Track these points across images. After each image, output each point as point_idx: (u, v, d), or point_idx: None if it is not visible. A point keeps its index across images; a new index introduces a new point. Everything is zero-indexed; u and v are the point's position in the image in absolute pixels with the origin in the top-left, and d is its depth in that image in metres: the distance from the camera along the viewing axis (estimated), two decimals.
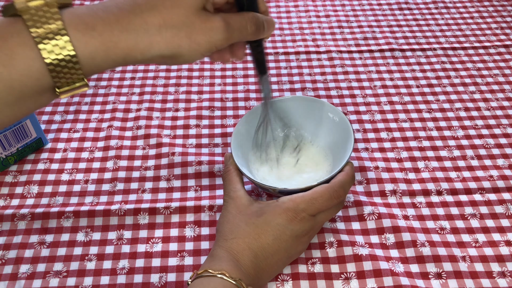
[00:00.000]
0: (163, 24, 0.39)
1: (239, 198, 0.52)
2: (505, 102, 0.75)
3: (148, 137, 0.69)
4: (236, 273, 0.45)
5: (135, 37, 0.38)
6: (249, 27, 0.44)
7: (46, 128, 0.70)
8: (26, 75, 0.36)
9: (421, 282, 0.53)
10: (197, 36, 0.40)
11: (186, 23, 0.39)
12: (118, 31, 0.38)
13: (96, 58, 0.38)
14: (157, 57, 0.40)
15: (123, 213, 0.59)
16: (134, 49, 0.38)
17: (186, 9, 0.39)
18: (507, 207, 0.60)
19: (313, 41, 0.87)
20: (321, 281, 0.53)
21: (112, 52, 0.38)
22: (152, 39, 0.39)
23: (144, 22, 0.38)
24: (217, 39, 0.41)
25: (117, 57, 0.38)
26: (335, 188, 0.51)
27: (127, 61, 0.39)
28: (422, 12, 0.94)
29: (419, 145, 0.68)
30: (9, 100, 0.36)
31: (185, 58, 0.41)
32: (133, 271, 0.54)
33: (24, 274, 0.54)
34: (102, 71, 0.40)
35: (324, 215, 0.52)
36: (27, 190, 0.62)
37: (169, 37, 0.39)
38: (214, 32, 0.41)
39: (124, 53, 0.38)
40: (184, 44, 0.40)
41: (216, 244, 0.50)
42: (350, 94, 0.76)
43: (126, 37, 0.38)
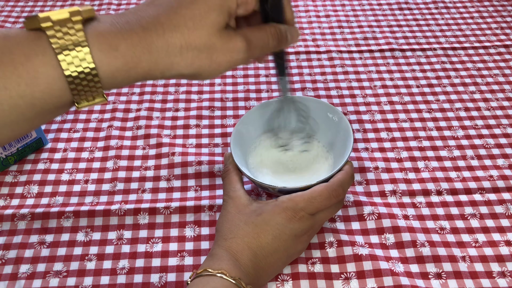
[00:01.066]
0: (184, 46, 0.39)
1: (238, 198, 0.52)
2: (505, 102, 0.75)
3: (148, 137, 0.69)
4: (235, 272, 0.45)
5: (156, 58, 0.38)
6: (271, 42, 0.44)
7: (46, 128, 0.70)
8: (48, 93, 0.36)
9: (421, 282, 0.53)
10: (218, 57, 0.40)
11: (207, 44, 0.39)
12: (140, 52, 0.38)
13: (117, 77, 0.38)
14: (176, 76, 0.40)
15: (123, 213, 0.59)
16: (154, 69, 0.39)
17: (208, 30, 0.39)
18: (507, 207, 0.60)
19: (313, 41, 0.87)
20: (321, 281, 0.53)
21: (133, 72, 0.38)
22: (173, 60, 0.39)
23: (166, 44, 0.38)
24: (238, 59, 0.41)
25: (138, 76, 0.39)
26: (334, 187, 0.51)
27: (146, 78, 0.40)
28: (422, 12, 0.94)
29: (419, 145, 0.68)
30: (29, 116, 0.37)
31: (204, 76, 0.41)
32: (133, 271, 0.54)
33: (24, 274, 0.54)
34: (121, 87, 0.40)
35: (323, 214, 0.52)
36: (27, 190, 0.62)
37: (189, 58, 0.39)
38: (235, 53, 0.41)
39: (145, 72, 0.39)
40: (204, 65, 0.40)
41: (215, 244, 0.50)
42: (350, 94, 0.76)
43: (148, 58, 0.38)
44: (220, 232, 0.50)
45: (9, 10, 0.94)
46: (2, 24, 0.90)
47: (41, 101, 0.36)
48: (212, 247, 0.50)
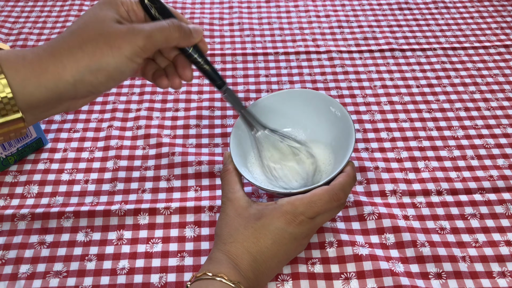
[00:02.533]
0: (82, 42, 0.41)
1: (237, 200, 0.52)
2: (505, 102, 0.75)
3: (148, 137, 0.69)
4: (235, 276, 0.45)
5: (61, 59, 0.40)
6: (172, 28, 0.44)
7: (46, 128, 0.70)
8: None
9: (421, 282, 0.53)
10: (115, 40, 0.42)
11: (102, 34, 0.42)
12: (46, 57, 0.40)
13: (28, 85, 0.40)
14: (87, 73, 0.41)
15: (123, 213, 0.59)
16: (63, 71, 0.40)
17: (100, 24, 0.42)
18: (507, 207, 0.60)
19: (313, 41, 0.87)
20: (321, 281, 0.53)
21: (44, 78, 0.40)
22: (77, 56, 0.41)
23: (67, 45, 0.41)
24: (137, 39, 0.42)
25: (49, 83, 0.40)
26: (335, 191, 0.50)
27: (59, 87, 0.41)
28: (422, 12, 0.94)
29: (419, 145, 0.68)
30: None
31: (114, 65, 0.42)
32: (133, 271, 0.54)
33: (24, 274, 0.54)
34: (37, 102, 0.41)
35: (323, 217, 0.51)
36: (27, 190, 0.62)
37: (90, 50, 0.41)
38: (131, 34, 0.42)
39: (55, 78, 0.40)
40: (106, 51, 0.41)
41: (215, 247, 0.49)
42: (350, 94, 0.76)
43: (54, 61, 0.40)
44: (220, 235, 0.50)
45: (9, 10, 0.94)
46: (2, 24, 0.90)
47: None
48: (212, 251, 0.50)
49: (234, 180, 0.54)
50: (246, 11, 0.95)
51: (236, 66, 0.82)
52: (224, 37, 0.88)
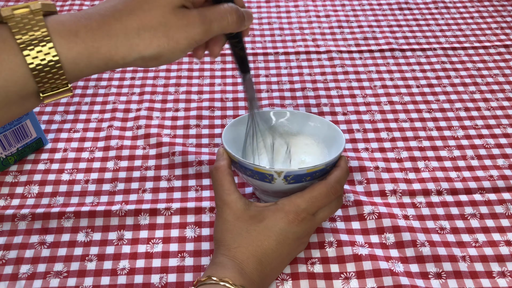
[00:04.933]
0: (141, 27, 0.39)
1: (234, 202, 0.50)
2: (505, 102, 0.75)
3: (148, 137, 0.69)
4: (240, 280, 0.45)
5: (115, 42, 0.39)
6: (230, 17, 0.43)
7: (46, 128, 0.70)
8: (11, 81, 0.37)
9: (421, 282, 0.53)
10: (175, 34, 0.40)
11: (162, 22, 0.40)
12: (100, 37, 0.39)
13: (79, 63, 0.38)
14: (138, 59, 0.41)
15: (123, 214, 0.59)
16: (115, 54, 0.39)
17: (162, 9, 0.40)
18: (507, 207, 0.60)
19: (313, 41, 0.87)
20: (321, 281, 0.53)
21: (95, 57, 0.39)
22: (132, 42, 0.39)
23: (124, 27, 0.39)
24: (195, 33, 0.41)
25: (100, 62, 0.39)
26: (332, 184, 0.50)
27: (109, 66, 0.40)
28: (422, 12, 0.94)
29: (419, 145, 0.68)
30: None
31: (166, 57, 0.42)
32: (134, 271, 0.54)
33: (24, 275, 0.54)
34: (85, 76, 0.41)
35: (323, 213, 0.51)
36: (27, 190, 0.62)
37: (147, 38, 0.40)
38: (191, 27, 0.41)
39: (106, 58, 0.39)
40: (163, 43, 0.40)
41: (217, 253, 0.49)
42: (350, 94, 0.76)
43: (107, 42, 0.39)
44: (221, 241, 0.49)
45: None
46: None
47: (5, 89, 0.37)
48: (214, 255, 0.49)
49: (227, 179, 0.51)
50: None
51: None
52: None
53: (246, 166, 0.51)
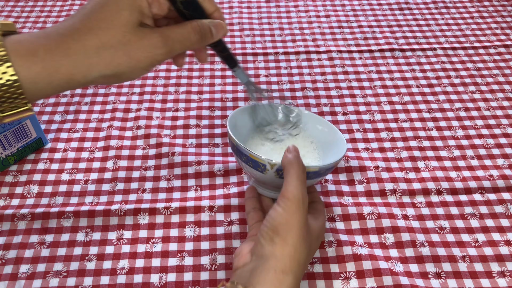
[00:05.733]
0: (100, 46, 0.39)
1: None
2: (505, 102, 0.75)
3: (148, 137, 0.69)
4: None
5: (75, 61, 0.39)
6: (192, 37, 0.44)
7: (46, 128, 0.71)
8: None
9: (421, 281, 0.53)
10: (136, 53, 0.40)
11: (122, 41, 0.40)
12: (59, 57, 0.39)
13: (39, 83, 0.39)
14: (99, 78, 0.40)
15: (123, 213, 0.59)
16: (75, 73, 0.39)
17: (121, 28, 0.40)
18: (507, 207, 0.60)
19: (313, 41, 0.87)
20: (321, 281, 0.53)
21: (55, 78, 0.39)
22: (91, 61, 0.39)
23: (83, 46, 0.39)
24: (157, 54, 0.42)
25: (60, 82, 0.39)
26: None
27: (70, 85, 0.40)
28: (422, 12, 0.94)
29: (419, 145, 0.68)
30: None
31: (127, 75, 0.42)
32: (133, 271, 0.54)
33: (24, 274, 0.54)
34: (47, 96, 0.40)
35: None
36: (27, 190, 0.62)
37: (107, 57, 0.40)
38: (152, 47, 0.41)
39: (67, 78, 0.39)
40: (123, 62, 0.40)
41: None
42: (350, 94, 0.76)
43: (67, 62, 0.39)
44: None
45: (9, 10, 0.94)
46: None
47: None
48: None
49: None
50: (246, 11, 0.95)
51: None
52: (224, 37, 0.88)
53: (242, 151, 0.51)
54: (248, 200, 0.58)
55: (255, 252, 0.45)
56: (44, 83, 0.39)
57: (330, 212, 0.60)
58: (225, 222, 0.59)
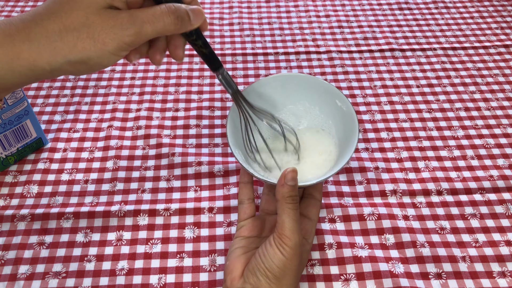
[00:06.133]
0: (63, 29, 0.37)
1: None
2: (505, 102, 0.75)
3: (148, 137, 0.69)
4: None
5: (37, 46, 0.37)
6: (166, 19, 0.40)
7: (46, 128, 0.70)
8: None
9: (421, 282, 0.53)
10: (100, 35, 0.38)
11: (85, 24, 0.38)
12: (19, 42, 0.37)
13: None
14: (65, 64, 0.38)
15: (122, 214, 0.59)
16: (38, 59, 0.37)
17: (84, 10, 0.38)
18: (507, 207, 0.60)
19: (313, 41, 0.87)
20: (321, 283, 0.53)
21: (16, 64, 0.37)
22: (55, 45, 0.37)
23: (45, 30, 0.37)
24: (124, 35, 0.38)
25: (23, 69, 0.37)
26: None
27: (35, 73, 0.38)
28: (422, 12, 0.94)
29: (419, 145, 0.68)
30: None
31: (96, 60, 0.39)
32: (132, 272, 0.54)
33: (23, 275, 0.54)
34: (12, 86, 0.39)
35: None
36: (27, 190, 0.62)
37: (71, 41, 0.38)
38: (118, 28, 0.38)
39: (30, 64, 0.37)
40: (88, 45, 0.38)
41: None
42: (350, 94, 0.76)
43: (28, 47, 0.37)
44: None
45: (9, 10, 0.94)
46: None
47: None
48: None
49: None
50: (246, 11, 0.95)
51: (236, 66, 0.82)
52: (224, 37, 0.88)
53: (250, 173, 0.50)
54: (243, 187, 0.54)
55: (250, 282, 0.46)
56: (4, 70, 0.37)
57: (330, 213, 0.60)
58: (225, 223, 0.59)
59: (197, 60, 0.83)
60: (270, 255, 0.46)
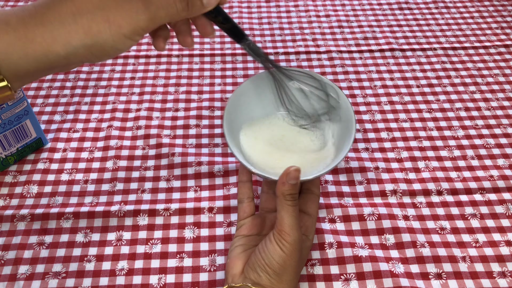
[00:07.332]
0: (76, 12, 0.37)
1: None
2: (506, 102, 0.75)
3: (148, 137, 0.69)
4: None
5: (51, 30, 0.36)
6: (178, 4, 0.40)
7: (46, 128, 0.70)
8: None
9: (421, 282, 0.53)
10: (115, 17, 0.37)
11: (100, 6, 0.37)
12: (33, 26, 0.36)
13: (12, 54, 0.36)
14: (81, 48, 0.38)
15: (122, 214, 0.59)
16: (53, 43, 0.37)
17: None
18: (507, 207, 0.60)
19: (313, 41, 0.87)
20: (321, 282, 0.53)
21: (30, 49, 0.36)
22: (70, 28, 0.37)
23: (58, 14, 0.37)
24: (139, 20, 0.38)
25: (37, 54, 0.37)
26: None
27: (50, 58, 0.37)
28: (422, 12, 0.94)
29: (420, 145, 0.68)
30: None
31: (111, 44, 0.38)
32: (132, 272, 0.54)
33: (23, 275, 0.54)
34: (27, 74, 0.38)
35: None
36: (26, 190, 0.62)
37: (85, 23, 0.37)
38: (133, 12, 0.38)
39: (44, 49, 0.37)
40: (103, 28, 0.37)
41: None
42: (350, 94, 0.76)
43: (42, 31, 0.36)
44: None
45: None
46: None
47: None
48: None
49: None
50: (246, 11, 0.95)
51: (236, 66, 0.82)
52: (224, 37, 0.88)
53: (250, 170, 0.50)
54: (242, 186, 0.55)
55: (251, 278, 0.46)
56: (18, 54, 0.36)
57: (330, 213, 0.60)
58: (225, 224, 0.59)
59: (197, 60, 0.83)
60: (270, 251, 0.46)
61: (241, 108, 0.56)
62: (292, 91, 0.57)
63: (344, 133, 0.54)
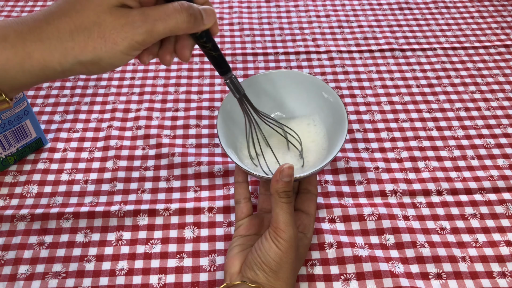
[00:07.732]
0: (74, 29, 0.37)
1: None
2: (506, 102, 0.75)
3: (148, 137, 0.69)
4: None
5: (49, 46, 0.37)
6: (179, 17, 0.39)
7: (46, 128, 0.70)
8: None
9: (421, 282, 0.53)
10: (111, 34, 0.37)
11: (96, 22, 0.37)
12: (31, 42, 0.36)
13: (10, 70, 0.37)
14: (76, 64, 0.38)
15: (122, 214, 0.59)
16: (50, 59, 0.37)
17: (95, 9, 0.37)
18: (507, 207, 0.60)
19: (313, 41, 0.87)
20: (321, 282, 0.53)
21: (28, 64, 0.37)
22: (66, 45, 0.37)
23: (56, 30, 0.37)
24: (136, 34, 0.38)
25: (34, 69, 0.37)
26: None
27: (46, 73, 0.38)
28: (423, 12, 0.94)
29: (420, 145, 0.68)
30: None
31: (107, 61, 0.38)
32: (132, 272, 0.54)
33: (23, 275, 0.54)
34: (23, 86, 0.38)
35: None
36: (26, 190, 0.62)
37: (82, 41, 0.37)
38: (129, 27, 0.37)
39: (41, 64, 0.37)
40: (99, 45, 0.37)
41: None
42: (350, 94, 0.76)
43: (40, 47, 0.37)
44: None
45: (9, 10, 0.94)
46: None
47: None
48: None
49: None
50: (246, 11, 0.95)
51: (236, 66, 0.82)
52: (224, 37, 0.88)
53: (245, 171, 0.52)
54: (238, 187, 0.55)
55: (248, 276, 0.47)
56: (16, 70, 0.37)
57: (330, 213, 0.60)
58: (225, 223, 0.59)
59: (197, 60, 0.83)
60: (266, 249, 0.46)
61: (237, 108, 0.56)
62: (263, 132, 0.58)
63: (337, 130, 0.55)
